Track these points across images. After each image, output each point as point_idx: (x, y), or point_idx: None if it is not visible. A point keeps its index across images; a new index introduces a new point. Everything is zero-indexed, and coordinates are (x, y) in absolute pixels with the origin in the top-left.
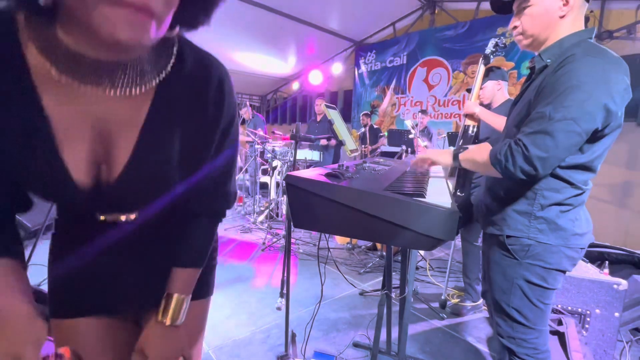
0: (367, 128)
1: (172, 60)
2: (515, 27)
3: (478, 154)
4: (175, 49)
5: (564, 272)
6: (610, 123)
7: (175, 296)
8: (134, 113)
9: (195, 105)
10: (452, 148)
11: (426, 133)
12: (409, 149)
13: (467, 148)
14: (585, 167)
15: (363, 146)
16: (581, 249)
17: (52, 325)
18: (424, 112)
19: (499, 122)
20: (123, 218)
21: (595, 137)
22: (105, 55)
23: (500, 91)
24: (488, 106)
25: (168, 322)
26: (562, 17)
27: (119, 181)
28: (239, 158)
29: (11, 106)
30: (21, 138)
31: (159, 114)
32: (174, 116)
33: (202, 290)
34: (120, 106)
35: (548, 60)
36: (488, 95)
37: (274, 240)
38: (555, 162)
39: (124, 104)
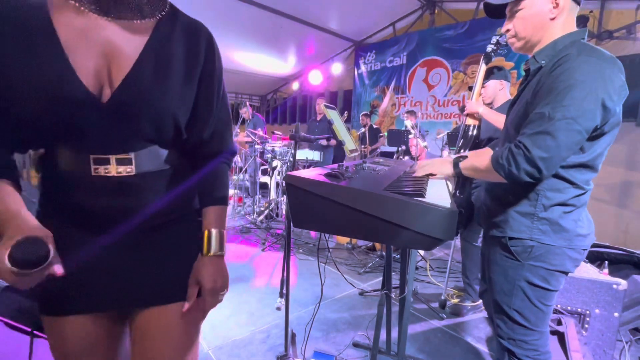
0: (367, 128)
1: (167, 8)
2: (508, 30)
3: (479, 160)
4: (167, 3)
5: (566, 273)
6: (609, 120)
7: (215, 231)
8: (135, 38)
9: (190, 51)
10: (451, 155)
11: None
12: (402, 149)
13: (466, 157)
14: (587, 166)
15: (363, 146)
16: (584, 250)
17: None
18: (410, 112)
19: (502, 122)
20: (121, 169)
21: (595, 135)
22: None
23: (503, 91)
24: (489, 106)
25: (212, 253)
26: (552, 19)
27: (118, 93)
28: (238, 158)
29: (28, 28)
30: (35, 48)
31: (158, 45)
32: (171, 52)
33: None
34: (123, 32)
35: (543, 62)
36: (490, 95)
37: (274, 240)
38: (558, 162)
39: (127, 31)
